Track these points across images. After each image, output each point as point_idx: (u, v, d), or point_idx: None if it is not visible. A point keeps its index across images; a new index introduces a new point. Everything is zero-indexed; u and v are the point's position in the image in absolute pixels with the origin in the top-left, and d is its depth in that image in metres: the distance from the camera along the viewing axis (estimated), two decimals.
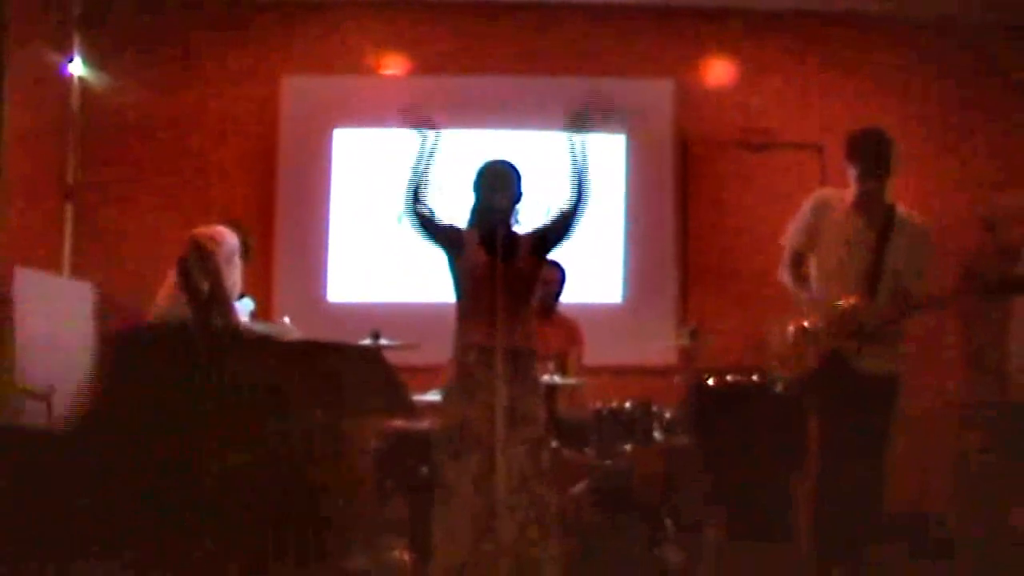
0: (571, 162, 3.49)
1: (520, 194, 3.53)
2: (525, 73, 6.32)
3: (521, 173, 3.55)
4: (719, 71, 6.39)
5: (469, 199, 3.57)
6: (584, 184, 3.50)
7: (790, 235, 4.10)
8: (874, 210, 3.91)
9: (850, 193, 3.99)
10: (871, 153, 3.92)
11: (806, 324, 3.93)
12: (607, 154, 6.28)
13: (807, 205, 4.07)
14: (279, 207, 6.21)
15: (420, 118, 3.51)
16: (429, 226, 3.51)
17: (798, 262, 4.10)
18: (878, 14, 6.30)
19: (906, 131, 6.07)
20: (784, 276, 4.12)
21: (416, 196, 3.47)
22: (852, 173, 3.96)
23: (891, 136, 3.98)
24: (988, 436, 5.61)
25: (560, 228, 3.54)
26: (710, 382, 4.99)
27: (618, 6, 6.37)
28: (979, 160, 6.28)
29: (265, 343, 4.27)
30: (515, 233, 3.51)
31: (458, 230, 3.54)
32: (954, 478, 5.63)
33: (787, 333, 4.01)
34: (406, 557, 4.55)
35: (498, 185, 3.50)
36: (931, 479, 5.58)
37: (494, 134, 6.17)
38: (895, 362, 3.89)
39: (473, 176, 3.57)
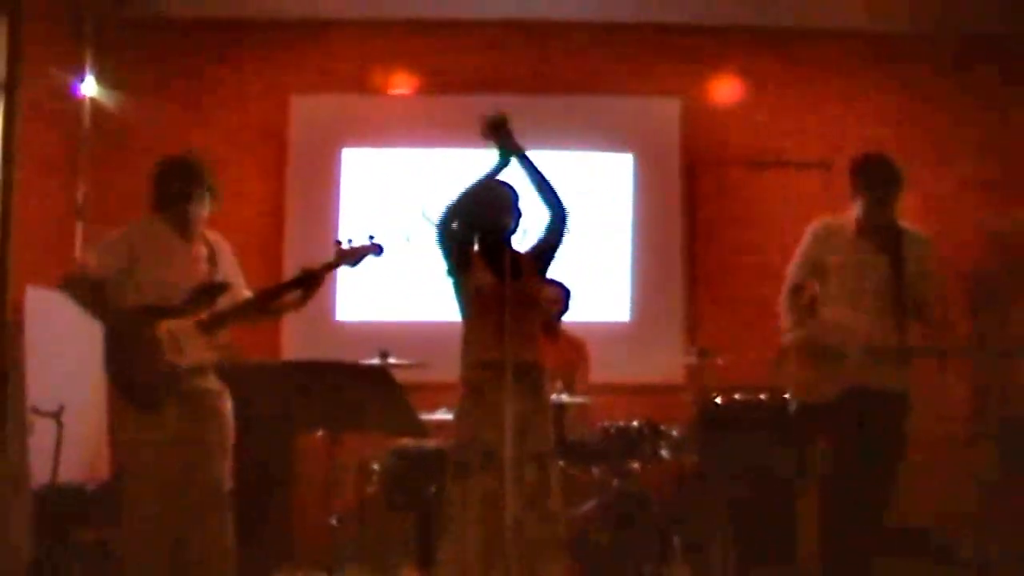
0: (531, 177, 3.53)
1: (521, 213, 3.55)
2: (531, 92, 6.35)
3: (519, 193, 3.57)
4: (726, 90, 6.41)
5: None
6: (554, 196, 3.54)
7: (793, 267, 4.07)
8: (881, 232, 3.88)
9: (852, 217, 3.96)
10: (878, 180, 3.89)
11: (827, 349, 3.90)
12: (615, 173, 6.32)
13: (809, 235, 4.04)
14: (287, 225, 6.25)
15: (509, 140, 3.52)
16: (453, 244, 3.54)
17: (798, 293, 4.08)
18: (884, 32, 6.32)
19: (912, 146, 6.11)
20: (783, 306, 4.10)
21: (455, 214, 3.49)
22: (857, 198, 3.93)
23: (896, 164, 3.95)
24: (1001, 451, 5.59)
25: (550, 243, 3.59)
26: (718, 401, 4.99)
27: (624, 25, 6.40)
28: (985, 175, 6.28)
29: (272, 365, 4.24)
30: (518, 252, 3.53)
31: (469, 249, 3.56)
32: (967, 493, 5.60)
33: (806, 358, 3.98)
34: (414, 575, 4.55)
35: (502, 205, 3.51)
36: (942, 495, 5.55)
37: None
38: (905, 380, 3.87)
39: (469, 196, 3.58)
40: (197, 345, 3.80)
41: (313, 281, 3.99)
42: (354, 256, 4.01)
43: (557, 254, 3.64)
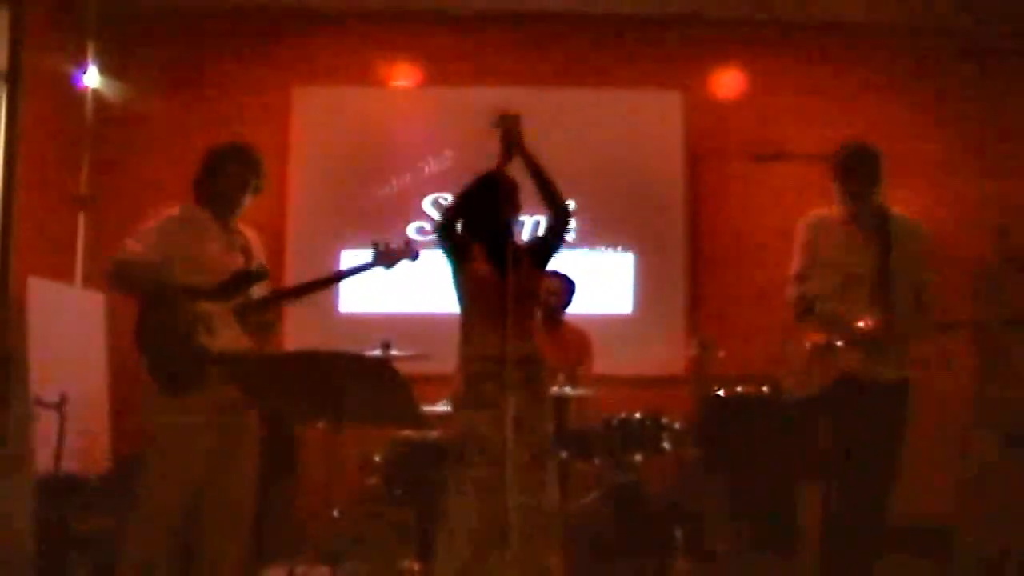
0: (534, 177, 3.54)
1: (520, 205, 3.56)
2: (532, 85, 6.34)
3: (518, 185, 3.58)
4: (728, 82, 6.41)
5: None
6: (556, 196, 3.56)
7: (795, 259, 4.08)
8: (869, 222, 3.89)
9: (838, 208, 3.98)
10: (858, 171, 3.91)
11: (820, 342, 3.90)
12: (617, 167, 6.31)
13: (802, 227, 4.05)
14: (290, 217, 6.26)
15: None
16: (455, 238, 3.57)
17: (803, 283, 4.08)
18: (888, 24, 6.30)
19: (917, 139, 6.11)
20: (791, 297, 4.10)
21: (459, 211, 3.55)
22: (839, 191, 3.95)
23: (876, 150, 3.95)
24: (1003, 438, 5.59)
25: (549, 241, 3.64)
26: (720, 393, 4.99)
27: (626, 17, 6.39)
28: (990, 167, 6.28)
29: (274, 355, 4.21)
30: (519, 245, 3.55)
31: (468, 242, 3.57)
32: (966, 483, 5.60)
33: (801, 351, 3.99)
34: (415, 566, 4.56)
35: (504, 198, 3.52)
36: (942, 484, 5.55)
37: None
38: (905, 367, 3.87)
39: (472, 189, 3.59)
40: (231, 331, 3.73)
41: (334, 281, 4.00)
42: (390, 259, 3.96)
43: (555, 251, 3.68)
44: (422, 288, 5.86)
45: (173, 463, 3.63)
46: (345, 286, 6.12)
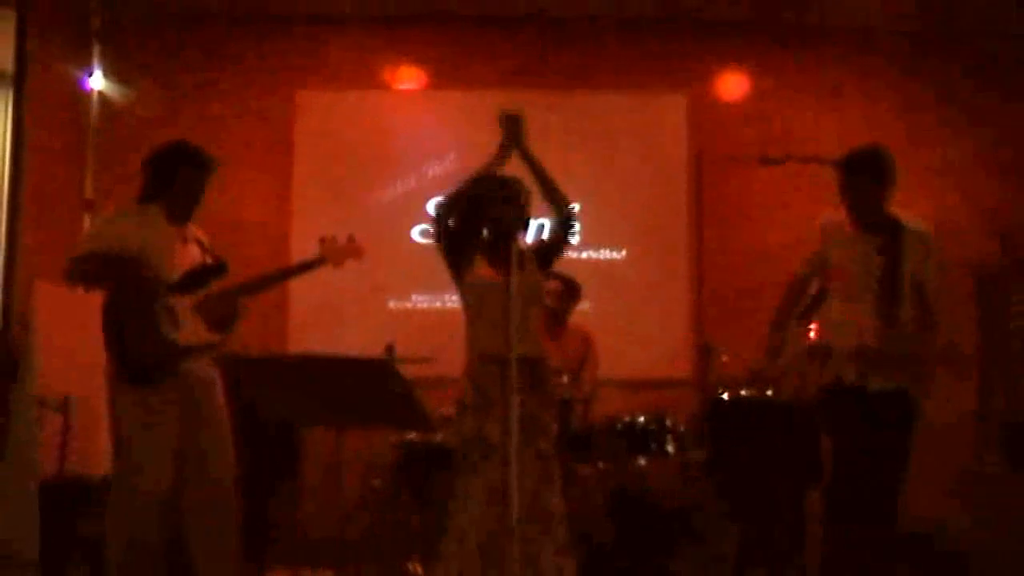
0: (537, 176, 3.57)
1: (526, 207, 3.56)
2: (538, 87, 6.35)
3: (525, 187, 3.59)
4: (732, 85, 6.41)
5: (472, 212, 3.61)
6: (559, 196, 3.58)
7: (805, 262, 4.06)
8: (879, 228, 3.85)
9: (847, 214, 3.95)
10: (861, 177, 3.86)
11: (817, 344, 3.90)
12: (622, 168, 6.32)
13: (819, 231, 4.02)
14: (295, 220, 6.26)
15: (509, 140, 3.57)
16: (456, 240, 3.57)
17: (800, 289, 4.06)
18: (891, 28, 6.30)
19: (920, 143, 6.11)
20: (785, 297, 4.09)
21: (454, 208, 3.55)
22: (843, 196, 3.92)
23: (881, 153, 3.92)
24: (1005, 453, 5.57)
25: (554, 242, 3.65)
26: (724, 396, 4.99)
27: (631, 20, 6.39)
28: (993, 171, 6.28)
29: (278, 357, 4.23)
30: (523, 247, 3.54)
31: (472, 245, 3.57)
32: (970, 496, 5.59)
33: (796, 353, 3.99)
34: (420, 569, 4.56)
35: (510, 199, 3.52)
36: (946, 496, 5.54)
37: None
38: (905, 378, 3.84)
39: (476, 189, 3.60)
40: (193, 325, 3.77)
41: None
42: (337, 256, 4.09)
43: (560, 253, 3.68)
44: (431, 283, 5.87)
45: (147, 454, 3.66)
46: (349, 284, 6.16)
